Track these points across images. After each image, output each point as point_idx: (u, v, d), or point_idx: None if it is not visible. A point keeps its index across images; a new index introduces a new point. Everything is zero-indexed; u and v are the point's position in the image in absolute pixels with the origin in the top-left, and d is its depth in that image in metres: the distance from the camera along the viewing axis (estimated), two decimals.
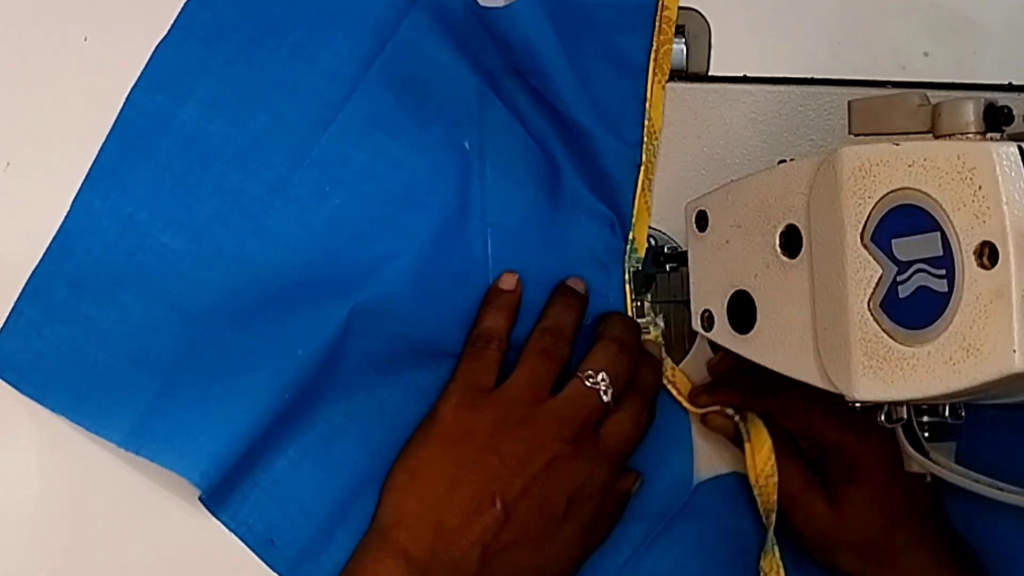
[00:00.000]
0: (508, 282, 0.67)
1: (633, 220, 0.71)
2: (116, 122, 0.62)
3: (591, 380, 0.65)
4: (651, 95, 0.71)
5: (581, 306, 0.69)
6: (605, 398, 0.65)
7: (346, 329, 0.62)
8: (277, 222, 0.63)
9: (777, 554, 0.70)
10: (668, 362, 0.72)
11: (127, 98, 0.62)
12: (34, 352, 0.60)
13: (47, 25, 0.62)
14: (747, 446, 0.71)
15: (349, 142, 0.65)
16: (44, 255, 0.61)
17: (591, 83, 0.69)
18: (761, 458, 0.71)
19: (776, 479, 0.71)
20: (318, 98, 0.64)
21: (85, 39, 0.63)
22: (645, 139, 0.70)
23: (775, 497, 0.71)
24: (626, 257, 0.71)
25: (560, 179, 0.70)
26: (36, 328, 0.60)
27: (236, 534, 0.63)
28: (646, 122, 0.70)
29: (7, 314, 0.60)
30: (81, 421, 0.60)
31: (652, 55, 0.71)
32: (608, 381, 0.65)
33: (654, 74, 0.71)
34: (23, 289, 0.60)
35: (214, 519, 0.63)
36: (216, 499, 0.61)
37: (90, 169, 0.61)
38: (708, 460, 0.73)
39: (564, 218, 0.70)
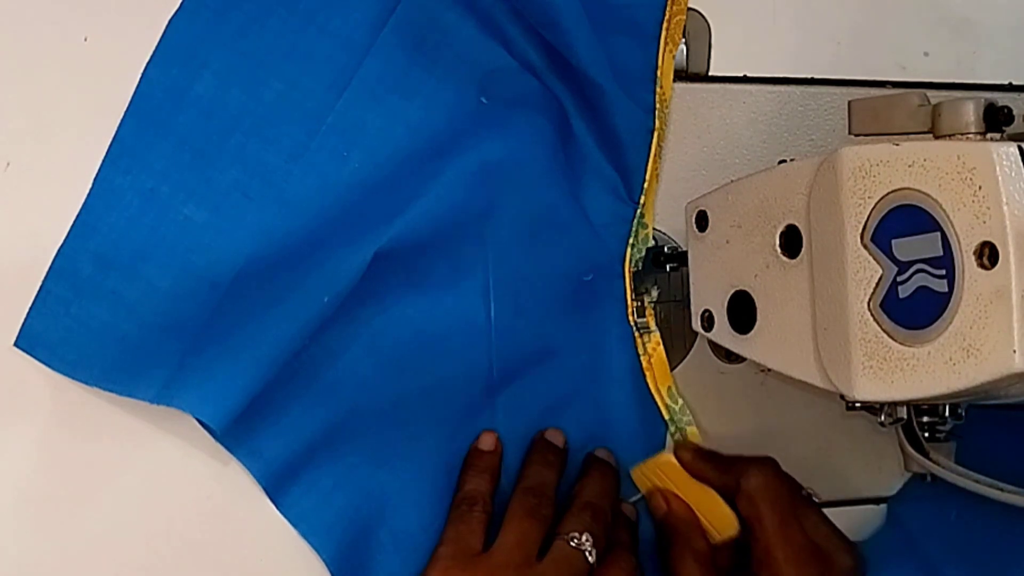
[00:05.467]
0: (487, 443, 0.68)
1: (644, 186, 0.71)
2: (133, 98, 0.63)
3: (575, 541, 0.65)
4: (662, 63, 0.71)
5: (560, 462, 0.69)
6: (591, 558, 0.65)
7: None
8: (297, 189, 0.64)
9: None
10: (654, 336, 0.72)
11: (143, 73, 0.63)
12: (64, 329, 0.61)
13: (47, 25, 0.62)
14: None
15: (364, 106, 0.65)
16: (68, 233, 0.61)
17: (604, 47, 0.69)
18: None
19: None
20: (331, 64, 0.65)
21: (85, 39, 0.63)
22: (658, 106, 0.70)
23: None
24: (634, 222, 0.71)
25: (572, 133, 0.70)
26: (65, 305, 0.61)
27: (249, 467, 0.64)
28: (658, 89, 0.70)
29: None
30: (113, 389, 0.61)
31: (664, 24, 0.71)
32: (592, 541, 0.65)
33: (665, 43, 0.71)
34: (50, 268, 0.61)
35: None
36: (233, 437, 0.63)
37: (110, 145, 0.62)
38: None
39: (575, 172, 0.70)
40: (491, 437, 0.68)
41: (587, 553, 0.64)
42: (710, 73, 0.74)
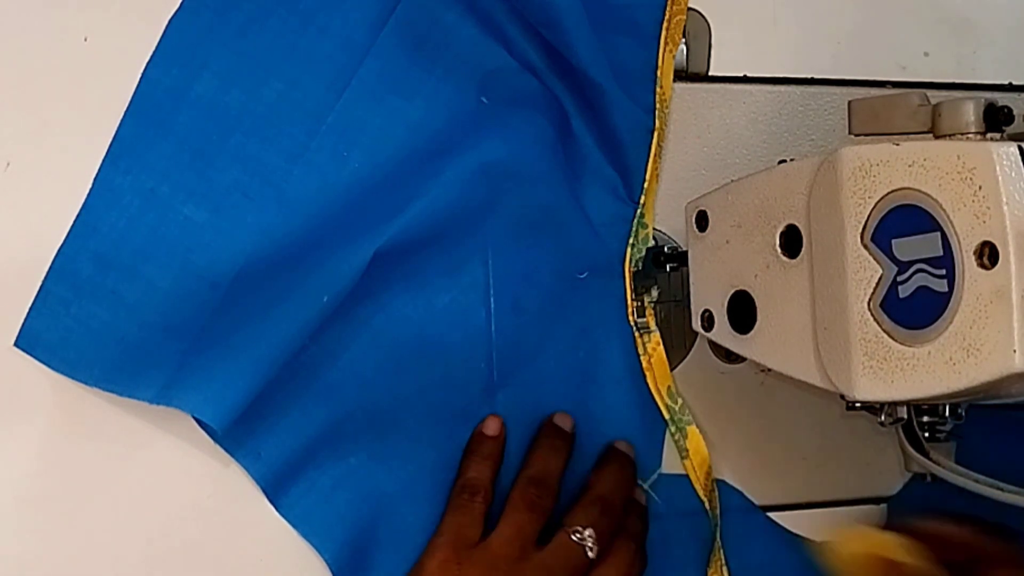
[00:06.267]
0: (492, 427, 0.68)
1: (644, 186, 0.71)
2: (133, 98, 0.63)
3: (577, 535, 0.64)
4: (662, 63, 0.71)
5: (568, 448, 0.69)
6: (591, 554, 0.64)
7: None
8: (297, 189, 0.64)
9: (724, 567, 0.71)
10: (654, 336, 0.72)
11: (143, 73, 0.63)
12: (64, 329, 0.61)
13: (47, 25, 0.62)
14: (687, 463, 0.72)
15: (364, 106, 0.65)
16: (69, 233, 0.61)
17: (604, 47, 0.69)
18: (703, 473, 0.71)
19: (718, 493, 0.71)
20: (331, 64, 0.65)
21: (85, 39, 0.63)
22: (658, 105, 0.70)
23: (719, 511, 0.71)
24: (634, 222, 0.71)
25: (572, 133, 0.70)
26: (65, 306, 0.61)
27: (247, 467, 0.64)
28: (658, 89, 0.70)
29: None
30: (113, 389, 0.61)
31: (664, 24, 0.71)
32: (595, 538, 0.65)
33: (665, 43, 0.71)
34: (50, 268, 0.61)
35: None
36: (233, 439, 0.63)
37: (110, 145, 0.62)
38: (676, 458, 0.73)
39: (575, 172, 0.70)
40: (496, 422, 0.68)
41: (588, 549, 0.64)
42: (710, 73, 0.74)
